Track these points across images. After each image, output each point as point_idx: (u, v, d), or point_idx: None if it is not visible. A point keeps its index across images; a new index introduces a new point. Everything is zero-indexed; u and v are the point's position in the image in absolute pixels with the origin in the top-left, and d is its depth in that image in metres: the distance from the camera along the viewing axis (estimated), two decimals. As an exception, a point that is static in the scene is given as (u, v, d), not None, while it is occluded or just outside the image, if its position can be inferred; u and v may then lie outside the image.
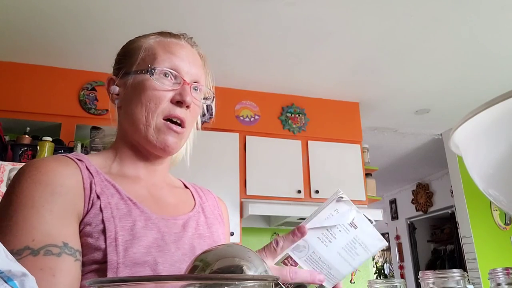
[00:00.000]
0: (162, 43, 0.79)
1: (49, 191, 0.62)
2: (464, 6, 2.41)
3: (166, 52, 0.78)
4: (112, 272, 0.61)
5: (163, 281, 0.27)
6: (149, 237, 0.67)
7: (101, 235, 0.64)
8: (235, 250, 0.41)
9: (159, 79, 0.75)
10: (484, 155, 0.48)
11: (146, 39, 0.82)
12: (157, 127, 0.75)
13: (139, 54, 0.79)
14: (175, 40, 0.81)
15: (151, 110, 0.74)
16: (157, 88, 0.74)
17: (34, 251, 0.57)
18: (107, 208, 0.67)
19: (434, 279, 0.53)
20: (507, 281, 0.49)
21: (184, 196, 0.85)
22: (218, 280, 0.27)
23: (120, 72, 0.81)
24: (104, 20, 2.51)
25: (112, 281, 0.27)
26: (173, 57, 0.77)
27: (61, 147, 2.54)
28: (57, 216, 0.62)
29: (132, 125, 0.76)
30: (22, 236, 0.58)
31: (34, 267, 0.56)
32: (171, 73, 0.76)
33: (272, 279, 0.31)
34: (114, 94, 0.81)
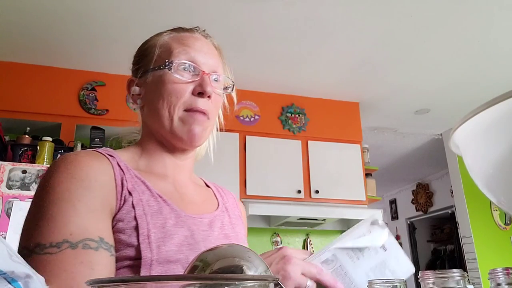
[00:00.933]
0: (176, 38, 0.80)
1: (85, 186, 0.63)
2: (464, 6, 2.41)
3: (181, 45, 0.77)
4: (145, 269, 0.61)
5: (163, 281, 0.27)
6: (180, 235, 0.67)
7: (134, 232, 0.64)
8: (235, 250, 0.41)
9: (178, 72, 0.75)
10: (484, 155, 0.48)
11: (160, 36, 0.82)
12: (181, 119, 0.75)
13: (155, 51, 0.79)
14: (188, 34, 0.81)
15: (172, 103, 0.74)
16: (176, 81, 0.74)
17: (72, 244, 0.58)
18: (139, 205, 0.67)
19: (434, 279, 0.52)
20: (507, 281, 0.49)
21: (207, 194, 0.86)
22: (218, 280, 0.27)
23: (139, 72, 0.81)
24: (104, 20, 2.51)
25: (112, 281, 0.27)
26: (188, 49, 0.77)
27: (61, 147, 2.54)
28: (93, 211, 0.62)
29: (157, 121, 0.76)
30: (60, 229, 0.58)
31: (74, 260, 0.57)
32: (189, 65, 0.76)
33: (272, 279, 0.31)
34: (136, 95, 0.81)
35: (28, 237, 0.58)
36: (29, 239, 0.58)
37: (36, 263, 0.55)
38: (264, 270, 0.40)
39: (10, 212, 2.17)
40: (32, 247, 0.57)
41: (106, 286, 0.28)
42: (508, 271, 0.49)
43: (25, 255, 0.56)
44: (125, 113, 3.03)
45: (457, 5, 2.41)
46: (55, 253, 0.56)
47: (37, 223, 0.59)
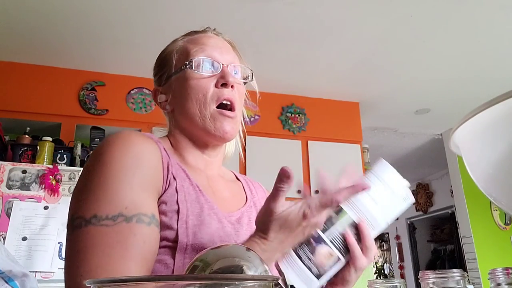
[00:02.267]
0: (191, 40, 0.83)
1: (139, 164, 0.66)
2: (464, 6, 2.41)
3: (196, 44, 0.81)
4: (181, 252, 0.64)
5: (163, 281, 0.27)
6: (212, 225, 0.70)
7: (174, 215, 0.67)
8: (235, 250, 0.41)
9: (198, 68, 0.78)
10: (483, 155, 0.48)
11: (175, 42, 0.86)
12: (212, 117, 0.77)
13: (173, 56, 0.83)
14: (201, 34, 0.85)
15: (201, 101, 0.77)
16: (199, 77, 0.78)
17: (127, 217, 0.60)
18: (181, 191, 0.70)
19: (434, 279, 0.53)
20: (507, 281, 0.49)
21: (236, 189, 0.89)
22: (218, 280, 0.27)
23: (162, 80, 0.84)
24: (104, 20, 2.51)
25: (112, 281, 0.27)
26: (205, 46, 0.81)
27: (61, 147, 2.54)
28: (145, 189, 0.65)
29: (189, 120, 0.79)
30: (115, 202, 0.61)
31: (129, 232, 0.60)
32: (208, 60, 0.79)
33: (272, 279, 0.31)
34: (163, 102, 0.84)
35: (84, 206, 0.61)
36: (86, 209, 0.60)
37: (93, 233, 0.58)
38: (264, 270, 0.40)
39: (10, 212, 2.17)
40: (88, 218, 0.59)
41: (106, 286, 0.28)
42: (508, 271, 0.49)
43: (80, 224, 0.60)
44: (125, 113, 3.04)
45: (457, 5, 2.41)
46: (112, 225, 0.59)
47: (94, 195, 0.61)
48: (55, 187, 2.26)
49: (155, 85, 0.87)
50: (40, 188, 2.25)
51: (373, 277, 4.26)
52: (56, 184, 2.27)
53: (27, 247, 2.12)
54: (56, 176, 2.28)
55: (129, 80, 3.12)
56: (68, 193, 2.28)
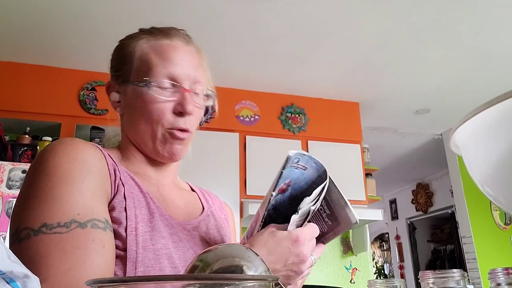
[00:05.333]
0: (155, 48, 0.76)
1: (86, 169, 0.63)
2: (464, 6, 2.41)
3: (160, 59, 0.75)
4: (131, 261, 0.62)
5: (163, 281, 0.27)
6: (164, 232, 0.69)
7: (123, 222, 0.64)
8: (235, 250, 0.41)
9: (158, 91, 0.73)
10: (484, 155, 0.48)
11: (138, 42, 0.79)
12: (163, 137, 0.75)
13: (134, 61, 0.77)
14: (167, 41, 0.77)
15: (154, 121, 0.74)
16: (157, 100, 0.73)
17: (81, 224, 0.57)
18: (129, 197, 0.67)
19: (434, 279, 0.53)
20: (507, 281, 0.49)
21: (191, 198, 0.86)
22: (218, 280, 0.27)
23: (118, 80, 0.80)
24: (104, 19, 2.51)
25: (112, 281, 0.27)
26: (168, 64, 0.74)
27: (61, 147, 2.54)
28: (95, 194, 0.62)
29: (139, 136, 0.77)
30: (66, 210, 0.58)
31: (86, 238, 0.57)
32: (169, 83, 0.74)
33: (272, 279, 0.31)
34: (115, 102, 0.81)
35: (30, 217, 0.57)
36: (32, 219, 0.56)
37: (45, 242, 0.55)
38: (264, 270, 0.40)
39: (10, 212, 2.17)
40: (37, 227, 0.56)
41: (106, 286, 0.28)
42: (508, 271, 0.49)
43: (28, 235, 0.55)
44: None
45: (456, 5, 2.41)
46: (65, 232, 0.56)
47: (40, 204, 0.58)
48: (55, 187, 2.25)
49: (111, 79, 0.82)
50: (40, 188, 2.25)
51: (373, 277, 4.27)
52: (56, 184, 2.26)
53: (27, 247, 2.12)
54: (56, 176, 2.28)
55: (129, 80, 3.11)
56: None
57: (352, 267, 3.49)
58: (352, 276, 3.46)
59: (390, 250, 7.22)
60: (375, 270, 7.73)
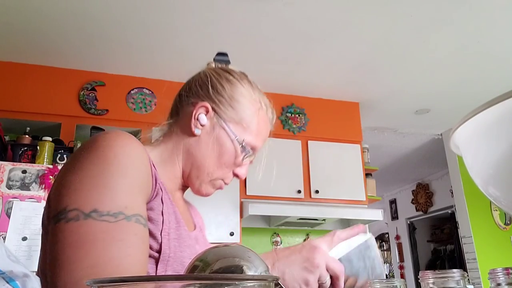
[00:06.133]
0: (262, 119, 0.85)
1: (137, 166, 0.65)
2: (464, 6, 2.41)
3: (257, 131, 0.84)
4: (163, 263, 0.65)
5: (163, 281, 0.27)
6: (187, 242, 0.73)
7: (159, 225, 0.67)
8: (235, 250, 0.41)
9: (239, 149, 0.82)
10: (484, 155, 0.48)
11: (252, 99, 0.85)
12: (212, 182, 0.82)
13: (240, 114, 0.82)
14: (269, 115, 0.88)
15: (219, 167, 0.81)
16: (234, 156, 0.82)
17: (127, 216, 0.60)
18: (165, 203, 0.71)
19: (434, 279, 0.53)
20: (507, 281, 0.49)
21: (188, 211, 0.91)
22: (218, 280, 0.27)
23: (217, 110, 0.81)
24: (104, 20, 2.51)
25: (112, 281, 0.27)
26: (259, 139, 0.85)
27: (61, 147, 2.54)
28: (140, 192, 0.65)
29: (196, 165, 0.81)
30: (117, 201, 0.60)
31: (129, 231, 0.59)
32: (250, 157, 0.85)
33: (272, 279, 0.30)
34: (198, 121, 0.81)
35: (80, 199, 0.58)
36: (84, 202, 0.58)
37: (93, 227, 0.56)
38: (264, 270, 0.40)
39: (10, 212, 2.17)
40: (88, 211, 0.57)
41: (106, 286, 0.28)
42: (508, 271, 0.49)
43: (77, 216, 0.57)
44: (125, 113, 3.04)
45: (457, 5, 2.41)
46: (113, 222, 0.58)
47: (92, 189, 0.59)
48: (55, 187, 2.25)
49: (209, 101, 0.81)
50: (40, 188, 2.25)
51: (373, 277, 4.26)
52: (56, 184, 2.26)
53: (27, 247, 2.12)
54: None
55: (129, 80, 3.12)
56: (68, 193, 2.28)
57: (352, 267, 3.49)
58: (352, 276, 3.46)
59: (390, 250, 7.22)
60: (375, 270, 7.72)
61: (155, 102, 3.06)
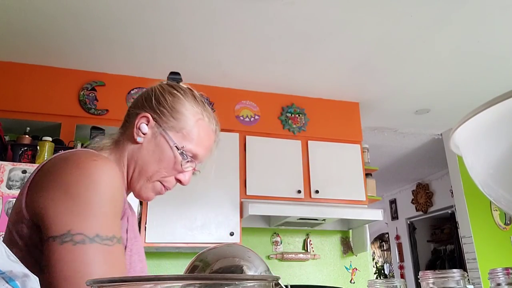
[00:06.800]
0: (203, 129, 0.88)
1: (120, 195, 0.73)
2: (464, 6, 2.41)
3: (198, 140, 0.87)
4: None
5: (163, 281, 0.27)
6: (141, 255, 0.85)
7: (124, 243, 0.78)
8: (235, 250, 0.41)
9: (179, 157, 0.85)
10: (484, 155, 0.48)
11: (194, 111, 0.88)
12: (153, 186, 0.87)
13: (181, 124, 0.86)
14: (212, 127, 0.91)
15: (160, 172, 0.85)
16: (174, 163, 0.85)
17: (118, 239, 0.70)
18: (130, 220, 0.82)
19: (434, 279, 0.53)
20: (507, 281, 0.49)
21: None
22: (218, 280, 0.27)
23: (158, 121, 0.86)
24: (104, 19, 2.51)
25: (112, 281, 0.27)
26: (201, 147, 0.88)
27: (61, 147, 2.54)
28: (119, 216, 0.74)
29: (138, 171, 0.86)
30: (111, 225, 0.69)
31: (122, 253, 0.70)
32: (192, 165, 0.87)
33: (272, 279, 0.31)
34: (140, 131, 0.86)
35: (83, 224, 0.66)
36: (86, 228, 0.66)
37: (98, 250, 0.65)
38: (264, 270, 0.40)
39: (10, 212, 2.17)
40: (92, 236, 0.66)
41: (106, 286, 0.28)
42: (508, 271, 0.49)
43: (83, 240, 0.65)
44: (125, 113, 3.03)
45: (457, 5, 2.41)
46: (111, 245, 0.67)
47: (93, 216, 0.67)
48: (55, 187, 2.25)
49: (151, 111, 0.87)
50: (40, 188, 2.25)
51: (373, 277, 4.27)
52: (56, 184, 2.26)
53: (27, 247, 2.12)
54: (56, 176, 2.27)
55: (129, 80, 3.12)
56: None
57: (352, 267, 3.49)
58: (352, 276, 3.46)
59: (390, 250, 7.22)
60: (375, 270, 7.73)
61: (155, 102, 3.05)
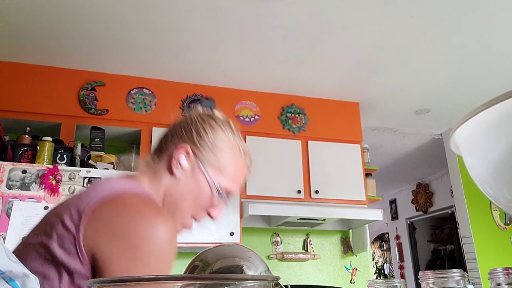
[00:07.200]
0: (239, 166, 0.90)
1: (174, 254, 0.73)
2: (464, 6, 2.41)
3: (234, 176, 0.88)
4: None
5: (163, 281, 0.27)
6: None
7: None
8: (235, 250, 0.41)
9: (216, 193, 0.85)
10: (484, 155, 0.48)
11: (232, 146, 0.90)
12: (183, 221, 0.86)
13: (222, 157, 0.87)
14: (246, 162, 0.93)
15: (191, 209, 0.85)
16: (210, 199, 0.85)
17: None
18: None
19: (434, 279, 0.53)
20: (507, 281, 0.49)
21: None
22: (218, 280, 0.27)
23: (198, 154, 0.86)
24: (104, 19, 2.51)
25: (112, 281, 0.27)
26: (235, 184, 0.89)
27: (61, 147, 2.54)
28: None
29: (172, 205, 0.85)
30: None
31: None
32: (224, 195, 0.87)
33: (272, 279, 0.31)
34: (179, 164, 0.85)
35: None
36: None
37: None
38: (264, 270, 0.40)
39: (10, 212, 2.17)
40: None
41: (106, 286, 0.28)
42: (508, 271, 0.49)
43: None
44: (125, 113, 3.04)
45: (456, 5, 2.41)
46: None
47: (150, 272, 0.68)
48: (55, 187, 2.26)
49: (191, 144, 0.86)
50: (40, 188, 2.25)
51: (373, 277, 4.27)
52: (56, 184, 2.27)
53: (27, 247, 2.12)
54: (56, 176, 2.28)
55: (129, 80, 3.12)
56: (68, 192, 2.28)
57: (352, 267, 3.49)
58: (352, 276, 3.46)
59: (390, 250, 7.22)
60: (375, 270, 7.73)
61: (155, 102, 3.05)
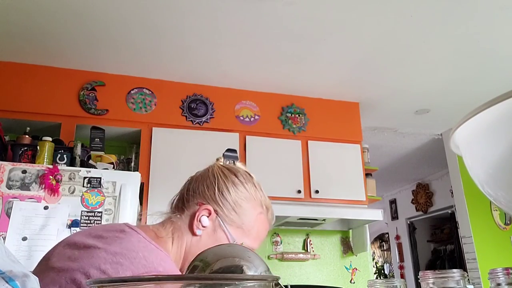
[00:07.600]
0: (262, 223, 0.88)
1: None
2: (464, 6, 2.41)
3: (257, 235, 0.86)
4: None
5: (163, 281, 0.27)
6: None
7: None
8: (235, 250, 0.41)
9: None
10: (484, 155, 0.48)
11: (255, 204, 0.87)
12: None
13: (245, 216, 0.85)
14: (269, 218, 0.90)
15: None
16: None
17: None
18: None
19: (434, 279, 0.53)
20: (507, 281, 0.49)
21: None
22: (218, 280, 0.27)
23: (218, 212, 0.84)
24: (104, 20, 2.51)
25: (112, 281, 0.27)
26: (257, 242, 0.87)
27: (61, 147, 2.54)
28: None
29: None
30: None
31: None
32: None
33: (272, 279, 0.31)
34: (201, 224, 0.83)
35: None
36: None
37: None
38: (264, 270, 0.40)
39: (10, 212, 2.17)
40: None
41: (106, 286, 0.28)
42: (508, 271, 0.49)
43: None
44: (125, 113, 3.04)
45: (457, 5, 2.41)
46: None
47: None
48: (55, 187, 2.26)
49: (213, 204, 0.84)
50: (40, 188, 2.25)
51: (373, 277, 4.27)
52: (56, 184, 2.26)
53: (27, 247, 2.12)
54: (56, 176, 2.28)
55: (129, 80, 3.12)
56: (68, 193, 2.28)
57: (352, 267, 3.49)
58: (352, 276, 3.46)
59: (390, 250, 7.22)
60: (375, 270, 7.73)
61: (155, 102, 3.05)
